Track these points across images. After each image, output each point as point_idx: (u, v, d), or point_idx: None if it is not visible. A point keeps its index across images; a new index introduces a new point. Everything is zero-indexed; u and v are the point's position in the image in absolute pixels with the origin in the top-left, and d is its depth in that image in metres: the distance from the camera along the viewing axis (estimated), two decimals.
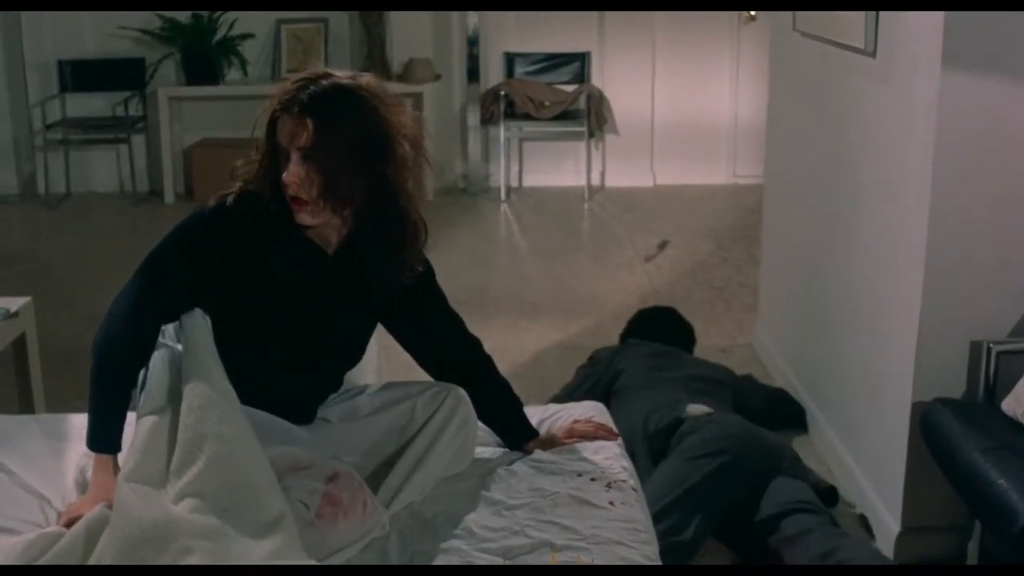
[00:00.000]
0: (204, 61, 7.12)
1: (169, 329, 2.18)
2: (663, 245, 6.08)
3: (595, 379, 3.72)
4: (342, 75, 2.08)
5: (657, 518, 2.75)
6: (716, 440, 3.06)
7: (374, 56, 7.15)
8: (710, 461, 3.00)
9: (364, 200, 2.08)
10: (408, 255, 2.16)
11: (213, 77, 7.16)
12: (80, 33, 7.27)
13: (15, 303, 3.33)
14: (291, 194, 2.04)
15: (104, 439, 2.11)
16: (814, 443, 3.67)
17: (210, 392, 2.04)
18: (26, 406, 3.39)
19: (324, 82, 2.04)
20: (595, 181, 7.49)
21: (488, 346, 2.44)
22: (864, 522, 3.23)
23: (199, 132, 7.38)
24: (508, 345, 4.60)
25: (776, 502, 2.97)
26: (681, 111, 7.50)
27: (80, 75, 7.28)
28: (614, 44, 7.41)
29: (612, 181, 7.56)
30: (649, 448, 3.21)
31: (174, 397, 2.09)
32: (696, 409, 3.26)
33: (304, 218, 2.07)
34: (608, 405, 3.35)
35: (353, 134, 2.03)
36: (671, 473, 3.01)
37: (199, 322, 2.12)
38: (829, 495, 3.22)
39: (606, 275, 5.68)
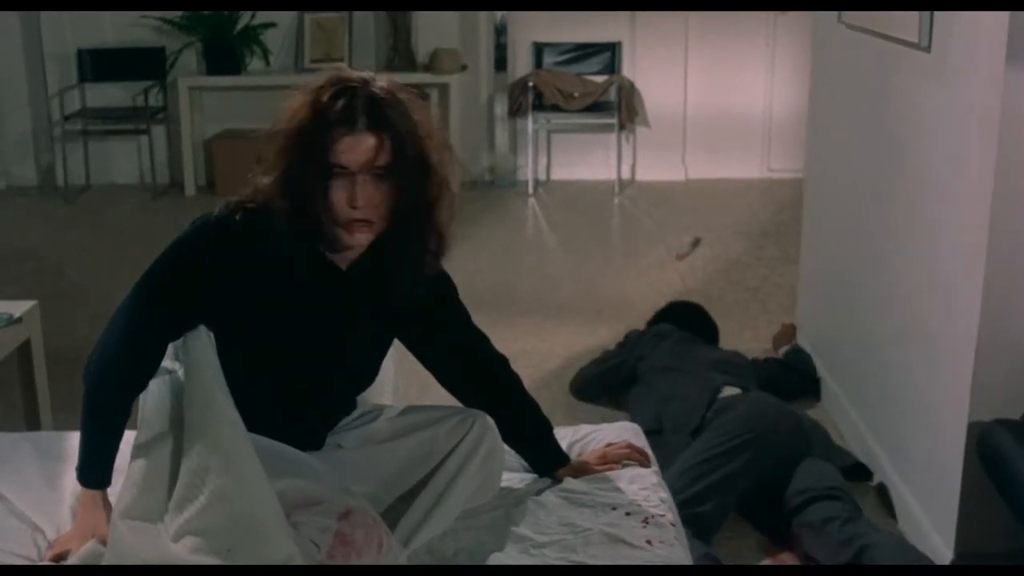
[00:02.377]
0: (226, 50, 7.00)
1: (169, 348, 2.01)
2: (696, 243, 5.89)
3: (620, 360, 3.75)
4: (378, 79, 1.90)
5: (679, 486, 2.78)
6: (747, 419, 3.09)
7: (399, 46, 7.02)
8: (739, 439, 3.00)
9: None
10: (427, 267, 2.01)
11: (235, 67, 7.05)
12: (100, 22, 7.15)
13: (20, 307, 3.18)
14: (358, 217, 1.86)
15: (95, 474, 1.98)
16: (861, 460, 3.48)
17: (215, 419, 1.89)
18: (31, 416, 3.25)
19: (375, 91, 1.86)
20: (625, 175, 7.32)
21: (513, 349, 2.28)
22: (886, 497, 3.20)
23: (220, 123, 7.26)
24: (535, 348, 4.42)
25: (803, 487, 2.96)
26: (714, 103, 7.31)
27: (100, 65, 7.16)
28: (645, 34, 7.24)
29: (643, 175, 7.39)
30: (687, 428, 3.21)
31: (174, 424, 1.94)
32: (730, 390, 3.31)
33: (362, 239, 1.91)
34: (631, 390, 3.57)
35: (416, 148, 1.87)
36: (701, 448, 3.03)
37: (204, 342, 1.95)
38: (857, 471, 3.28)
39: (637, 274, 5.51)
